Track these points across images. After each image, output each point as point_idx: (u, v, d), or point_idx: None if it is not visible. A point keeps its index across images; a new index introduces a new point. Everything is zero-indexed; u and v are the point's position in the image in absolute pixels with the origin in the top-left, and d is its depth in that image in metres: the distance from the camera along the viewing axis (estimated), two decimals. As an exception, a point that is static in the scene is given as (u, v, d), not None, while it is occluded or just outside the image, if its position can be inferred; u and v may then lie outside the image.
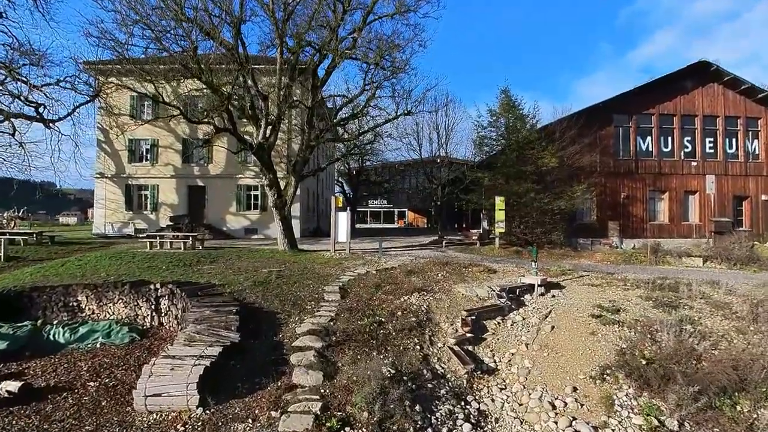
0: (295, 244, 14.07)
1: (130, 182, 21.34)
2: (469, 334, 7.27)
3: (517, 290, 9.54)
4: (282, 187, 14.13)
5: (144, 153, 21.67)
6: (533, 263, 10.03)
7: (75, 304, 8.75)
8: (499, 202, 15.48)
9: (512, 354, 6.70)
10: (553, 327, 7.26)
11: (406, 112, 13.41)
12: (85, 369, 6.53)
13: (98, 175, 21.24)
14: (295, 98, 12.07)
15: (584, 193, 15.40)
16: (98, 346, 7.45)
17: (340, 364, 6.01)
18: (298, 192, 21.56)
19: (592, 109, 16.77)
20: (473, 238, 17.89)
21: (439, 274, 10.80)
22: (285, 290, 8.87)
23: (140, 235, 17.68)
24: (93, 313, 8.70)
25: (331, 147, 19.00)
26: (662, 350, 6.12)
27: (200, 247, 14.57)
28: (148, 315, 8.41)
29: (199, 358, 5.29)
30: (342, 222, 13.85)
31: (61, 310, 8.68)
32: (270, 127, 13.89)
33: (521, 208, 15.74)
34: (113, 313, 8.68)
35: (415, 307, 8.23)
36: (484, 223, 18.99)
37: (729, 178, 17.91)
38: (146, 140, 21.47)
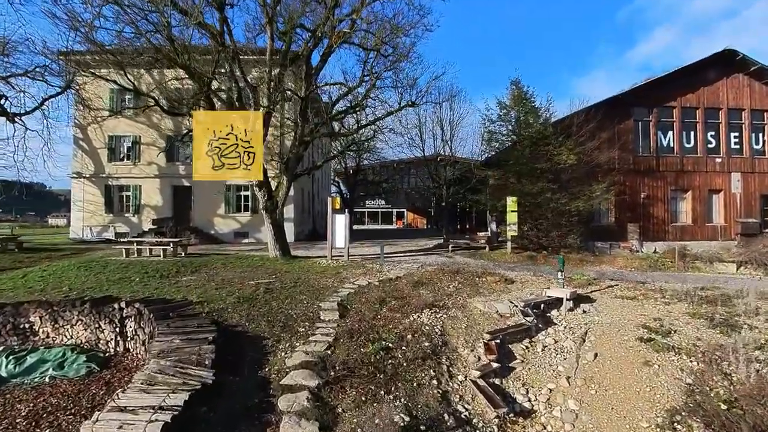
0: (287, 250, 12.91)
1: (110, 182, 20.08)
2: (494, 364, 6.15)
3: (542, 305, 8.45)
4: (273, 188, 12.96)
5: (125, 151, 20.40)
6: (559, 273, 8.93)
7: (27, 326, 7.56)
8: (511, 202, 14.40)
9: (550, 390, 5.59)
10: (596, 355, 6.15)
11: (409, 103, 12.27)
12: (24, 414, 5.35)
13: (75, 175, 19.94)
14: (287, 88, 10.92)
15: (604, 193, 14.34)
16: (47, 380, 6.27)
17: (340, 410, 4.87)
18: (292, 192, 20.39)
19: (610, 102, 15.72)
20: (481, 241, 16.81)
21: (451, 286, 9.68)
22: (274, 308, 7.70)
23: (121, 240, 16.40)
24: (48, 336, 7.52)
25: (327, 143, 17.82)
26: (737, 387, 5.03)
27: (183, 254, 13.37)
28: (111, 339, 7.23)
29: (158, 411, 4.13)
30: (340, 225, 12.71)
31: (11, 333, 7.48)
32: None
33: (535, 210, 14.66)
34: (72, 337, 7.49)
35: (427, 328, 7.10)
36: (492, 226, 17.90)
37: (756, 176, 16.93)
38: (127, 137, 20.21)
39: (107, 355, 7.09)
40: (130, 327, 7.09)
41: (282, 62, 11.49)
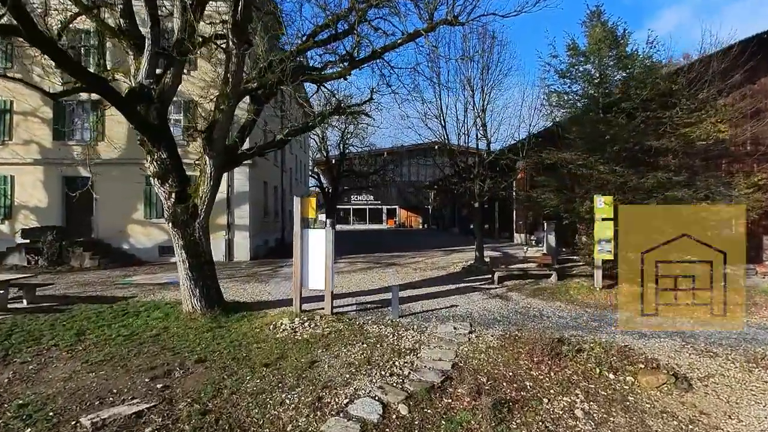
0: (217, 297, 7.47)
1: (-36, 172, 14.14)
2: None
3: None
4: (194, 183, 7.49)
5: (-11, 124, 14.47)
6: None
7: None
8: (605, 205, 9.30)
9: None
10: None
11: (449, 19, 6.92)
12: None
13: None
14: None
15: (755, 191, 9.35)
16: None
17: None
18: (246, 187, 14.88)
19: (747, 46, 10.53)
20: (531, 261, 11.56)
21: (577, 411, 4.43)
22: None
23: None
24: None
25: (297, 109, 12.22)
26: None
27: (25, 303, 7.76)
28: None
29: None
30: (316, 249, 7.34)
31: None
32: (164, 60, 7.28)
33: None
34: None
35: None
36: (550, 237, 12.78)
37: None
38: (-8, 103, 14.28)
39: None
40: None
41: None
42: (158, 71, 7.37)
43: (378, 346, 6.00)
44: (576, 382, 5.01)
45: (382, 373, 5.09)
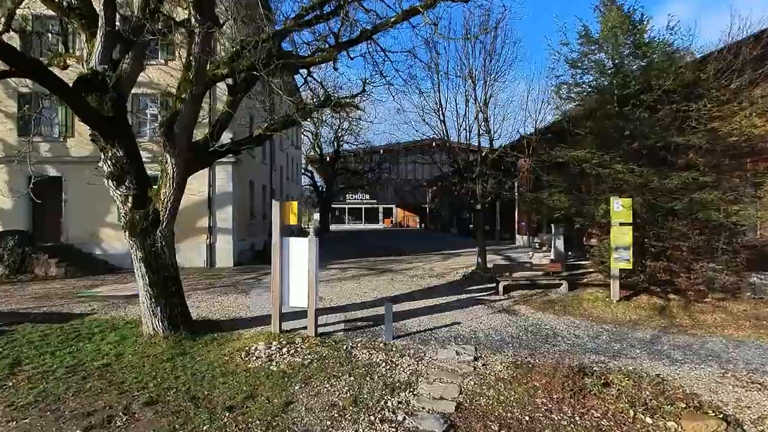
0: (182, 317, 6.56)
1: None
2: None
3: None
4: (156, 186, 6.58)
5: (-53, 118, 13.49)
6: None
7: None
8: (622, 209, 8.49)
9: None
10: None
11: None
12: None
13: None
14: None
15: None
16: None
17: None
18: (229, 187, 13.95)
19: None
20: (548, 268, 10.72)
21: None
22: None
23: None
24: None
25: (283, 102, 11.28)
26: None
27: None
28: None
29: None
30: (298, 260, 6.46)
31: None
32: (122, 44, 6.37)
33: (662, 220, 8.82)
34: None
35: None
36: (558, 242, 11.94)
37: None
38: (-50, 95, 13.29)
39: None
40: None
41: None
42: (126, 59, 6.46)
43: (368, 378, 5.14)
44: (607, 430, 4.16)
45: (371, 418, 4.23)
